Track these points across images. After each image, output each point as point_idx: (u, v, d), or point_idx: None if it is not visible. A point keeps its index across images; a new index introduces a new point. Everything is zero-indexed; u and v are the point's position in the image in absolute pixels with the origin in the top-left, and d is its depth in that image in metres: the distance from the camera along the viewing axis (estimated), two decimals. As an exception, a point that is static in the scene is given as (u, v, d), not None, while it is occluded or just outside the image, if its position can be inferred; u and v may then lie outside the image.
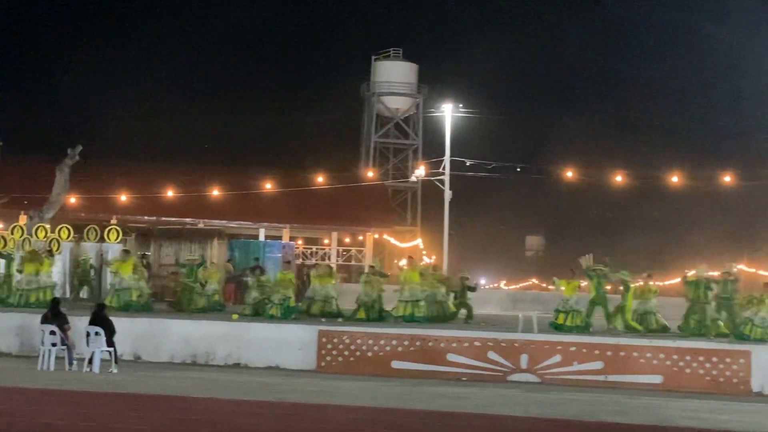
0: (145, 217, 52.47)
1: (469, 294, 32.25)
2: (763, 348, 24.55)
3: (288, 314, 29.73)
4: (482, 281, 77.44)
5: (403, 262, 33.87)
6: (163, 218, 52.25)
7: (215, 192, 52.74)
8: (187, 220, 52.60)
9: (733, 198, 68.08)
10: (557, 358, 24.63)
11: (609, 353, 24.50)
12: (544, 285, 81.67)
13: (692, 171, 58.13)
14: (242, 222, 56.20)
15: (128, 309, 29.74)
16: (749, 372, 23.77)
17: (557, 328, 28.47)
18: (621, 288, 29.63)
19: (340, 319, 29.62)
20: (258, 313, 30.61)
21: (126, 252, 33.42)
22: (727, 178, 55.48)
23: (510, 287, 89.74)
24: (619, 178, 55.89)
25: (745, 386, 23.67)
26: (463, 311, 31.71)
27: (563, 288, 29.14)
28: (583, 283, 30.32)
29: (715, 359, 23.98)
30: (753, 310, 26.59)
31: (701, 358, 24.05)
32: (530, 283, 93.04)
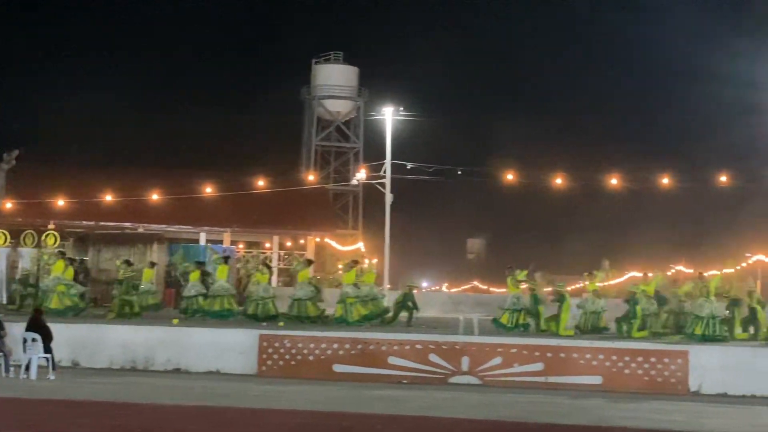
0: (84, 222, 51.89)
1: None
2: (700, 348, 24.83)
3: (227, 315, 30.00)
4: (424, 284, 77.63)
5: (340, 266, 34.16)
6: (102, 223, 51.74)
7: (155, 196, 52.30)
8: (126, 224, 52.17)
9: (674, 200, 68.78)
10: (498, 360, 24.70)
11: (549, 355, 24.63)
12: (486, 287, 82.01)
13: (634, 173, 58.68)
14: (182, 226, 55.79)
15: (55, 313, 29.52)
16: (687, 372, 24.01)
17: (501, 327, 28.85)
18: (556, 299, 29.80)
19: (281, 323, 29.60)
20: (192, 309, 30.81)
21: (61, 253, 33.22)
22: (665, 180, 56.08)
23: (452, 290, 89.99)
24: (559, 181, 56.27)
25: (683, 386, 23.92)
26: (404, 314, 31.85)
27: (519, 279, 29.70)
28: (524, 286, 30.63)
29: (653, 359, 24.20)
30: (699, 303, 27.08)
31: (640, 359, 24.26)
32: (472, 285, 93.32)
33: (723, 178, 55.96)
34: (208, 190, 53.24)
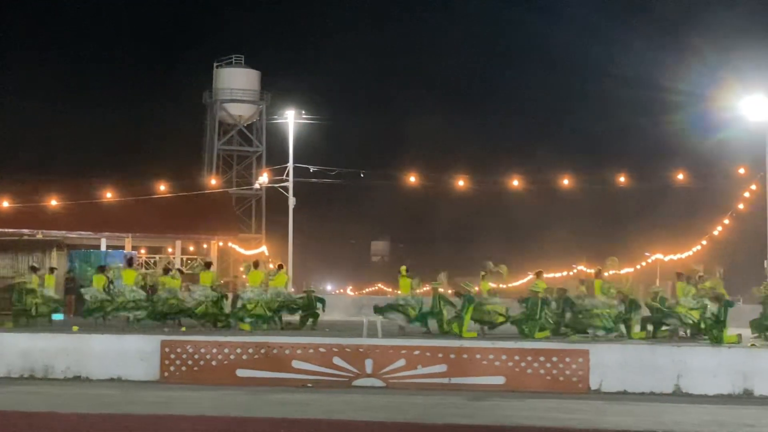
0: (-20, 229, 51.00)
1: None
2: (600, 347, 25.14)
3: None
4: (329, 287, 77.76)
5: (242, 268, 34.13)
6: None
7: (54, 202, 51.58)
8: (25, 230, 51.36)
9: (579, 200, 69.88)
10: (402, 362, 24.74)
11: (452, 356, 24.72)
12: (390, 289, 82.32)
13: (538, 175, 59.54)
14: (82, 232, 55.12)
15: None
16: (587, 370, 24.29)
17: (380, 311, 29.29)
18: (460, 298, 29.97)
19: (183, 328, 29.40)
20: (100, 309, 30.51)
21: None
22: (566, 181, 56.90)
23: (356, 293, 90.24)
24: (462, 183, 56.75)
25: (584, 384, 24.20)
26: (309, 322, 31.98)
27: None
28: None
29: (555, 359, 24.44)
30: (591, 302, 27.68)
31: (542, 358, 24.49)
32: (376, 288, 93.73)
33: (622, 179, 57.06)
34: (109, 195, 52.68)
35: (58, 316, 33.07)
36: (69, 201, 52.05)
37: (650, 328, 28.82)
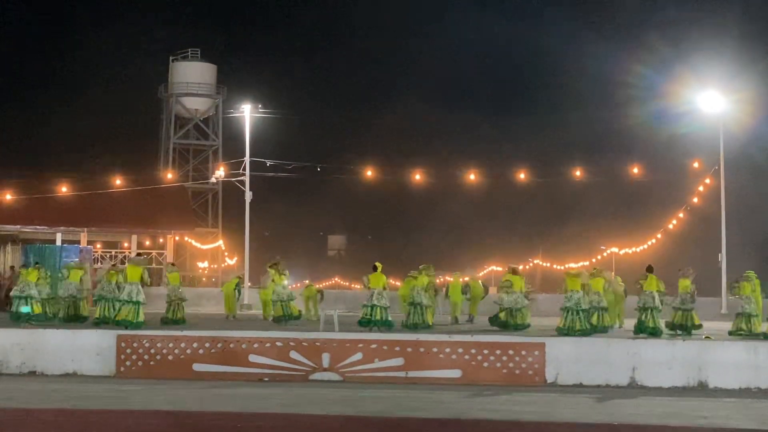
0: (-67, 224, 50.58)
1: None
2: (556, 340, 25.35)
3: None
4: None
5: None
6: (-47, 224, 50.51)
7: (8, 196, 51.16)
8: (-21, 225, 50.99)
9: (528, 195, 70.19)
10: (359, 355, 24.75)
11: (409, 349, 24.76)
12: (347, 284, 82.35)
13: (491, 169, 59.73)
14: (37, 227, 54.73)
15: None
16: (543, 363, 24.41)
17: (364, 324, 29.43)
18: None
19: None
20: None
21: None
22: (522, 175, 57.17)
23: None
24: (418, 177, 56.92)
25: (540, 377, 24.32)
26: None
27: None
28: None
29: (511, 352, 24.53)
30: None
31: (498, 352, 24.56)
32: (333, 282, 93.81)
33: (578, 173, 57.42)
34: (64, 189, 52.32)
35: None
36: (24, 195, 51.66)
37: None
